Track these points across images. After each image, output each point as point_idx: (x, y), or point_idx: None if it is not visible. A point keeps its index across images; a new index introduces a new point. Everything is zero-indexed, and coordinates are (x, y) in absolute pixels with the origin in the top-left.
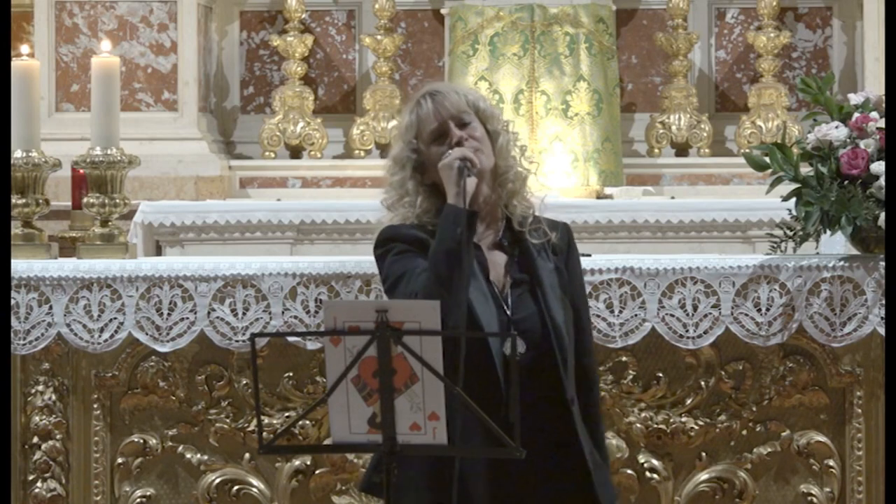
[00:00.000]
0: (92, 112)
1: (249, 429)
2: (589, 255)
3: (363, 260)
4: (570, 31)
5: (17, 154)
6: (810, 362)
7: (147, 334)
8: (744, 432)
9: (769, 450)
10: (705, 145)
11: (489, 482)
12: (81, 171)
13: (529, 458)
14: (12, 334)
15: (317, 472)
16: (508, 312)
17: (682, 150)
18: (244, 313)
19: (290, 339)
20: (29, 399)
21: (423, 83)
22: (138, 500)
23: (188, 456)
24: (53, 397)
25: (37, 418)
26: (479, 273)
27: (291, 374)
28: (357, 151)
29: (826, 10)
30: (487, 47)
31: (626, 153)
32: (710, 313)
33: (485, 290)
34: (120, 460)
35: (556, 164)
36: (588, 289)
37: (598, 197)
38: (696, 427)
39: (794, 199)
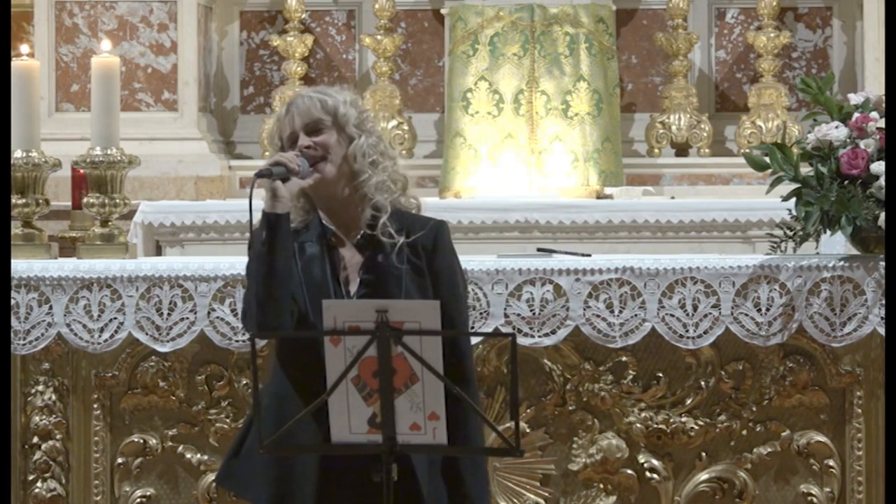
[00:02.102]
0: (92, 112)
1: None
2: (589, 255)
3: None
4: (570, 31)
5: (17, 154)
6: (810, 362)
7: (147, 334)
8: (744, 432)
9: (769, 450)
10: (705, 145)
11: (317, 480)
12: (81, 171)
13: (356, 459)
14: (12, 334)
15: None
16: None
17: (682, 150)
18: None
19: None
20: (29, 399)
21: (423, 84)
22: (138, 500)
23: (188, 456)
24: (53, 397)
25: (37, 418)
26: (329, 274)
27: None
28: None
29: (826, 10)
30: (487, 47)
31: (626, 153)
32: (710, 313)
33: (330, 291)
34: (120, 460)
35: (556, 164)
36: (588, 288)
37: (598, 197)
38: (696, 427)
39: (794, 199)
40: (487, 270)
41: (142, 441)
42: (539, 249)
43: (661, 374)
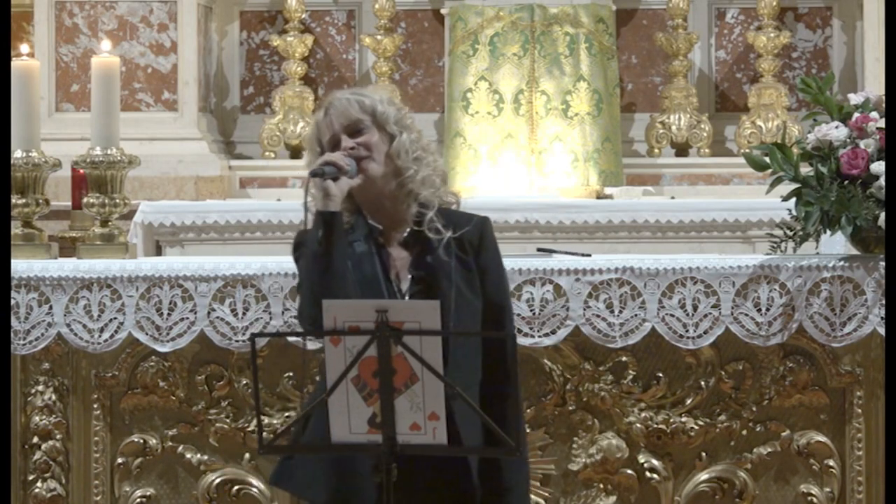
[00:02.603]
0: (92, 112)
1: (249, 429)
2: (589, 255)
3: None
4: (570, 31)
5: (17, 154)
6: (810, 362)
7: (147, 334)
8: (744, 432)
9: (769, 450)
10: (705, 145)
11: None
12: (81, 171)
13: (417, 459)
14: (12, 334)
15: None
16: None
17: (682, 150)
18: (244, 313)
19: (290, 339)
20: (29, 399)
21: (423, 83)
22: (138, 500)
23: (188, 456)
24: (53, 397)
25: (37, 418)
26: (380, 273)
27: (291, 374)
28: None
29: (826, 10)
30: (487, 47)
31: (626, 153)
32: (710, 313)
33: (382, 290)
34: (120, 460)
35: (557, 165)
36: (588, 288)
37: (598, 197)
38: (696, 427)
39: (794, 199)
40: None
41: (142, 441)
42: (539, 249)
43: (661, 374)
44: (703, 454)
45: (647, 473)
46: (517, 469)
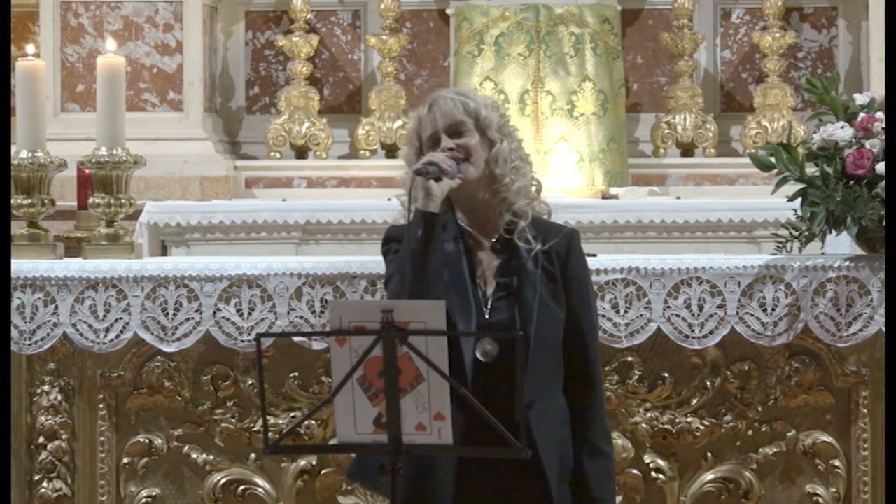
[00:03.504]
0: (97, 112)
1: (255, 429)
2: (594, 255)
3: (368, 260)
4: (576, 31)
5: (22, 154)
6: (816, 362)
7: (152, 334)
8: (749, 432)
9: (775, 450)
10: (711, 145)
11: (456, 473)
12: (87, 171)
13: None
14: (18, 334)
15: (322, 472)
16: (486, 315)
17: (687, 150)
18: (250, 313)
19: (296, 339)
20: (35, 399)
21: (429, 84)
22: (144, 500)
23: (194, 456)
24: (59, 397)
25: (42, 418)
26: (467, 275)
27: (297, 374)
28: (362, 151)
29: (831, 10)
30: (493, 47)
31: (632, 153)
32: (716, 313)
33: (468, 292)
34: (125, 460)
35: (562, 165)
36: (594, 289)
37: (604, 197)
38: (702, 427)
39: (799, 200)
40: None
41: (147, 441)
42: None
43: (666, 375)
44: (709, 454)
45: (653, 473)
46: (608, 478)
